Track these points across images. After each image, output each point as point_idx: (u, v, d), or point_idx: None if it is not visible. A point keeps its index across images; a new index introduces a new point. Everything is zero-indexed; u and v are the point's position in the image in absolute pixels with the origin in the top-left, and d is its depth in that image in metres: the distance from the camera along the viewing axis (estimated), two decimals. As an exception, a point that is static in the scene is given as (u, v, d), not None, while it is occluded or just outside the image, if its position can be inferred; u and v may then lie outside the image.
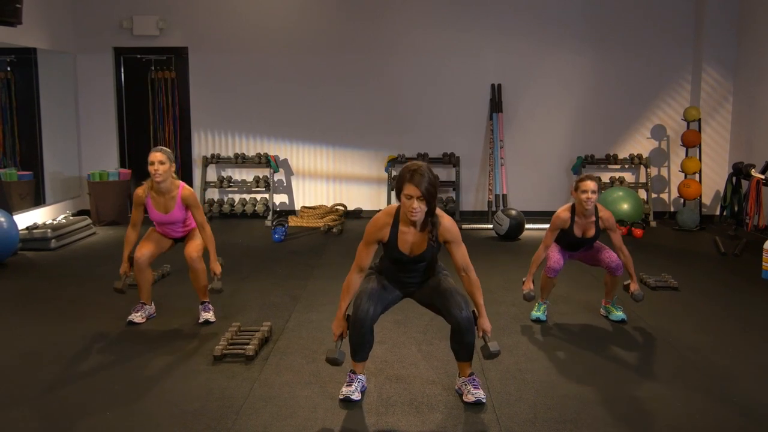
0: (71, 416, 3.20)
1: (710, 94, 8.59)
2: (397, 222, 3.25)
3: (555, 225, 4.47)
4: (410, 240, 3.25)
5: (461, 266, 3.31)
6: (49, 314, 4.75)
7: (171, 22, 8.78)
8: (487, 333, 3.33)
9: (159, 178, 4.34)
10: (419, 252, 3.26)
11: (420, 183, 3.06)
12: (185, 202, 4.45)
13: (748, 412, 3.27)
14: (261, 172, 9.01)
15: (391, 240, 3.25)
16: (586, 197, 4.31)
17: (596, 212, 4.42)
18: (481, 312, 3.34)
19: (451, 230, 3.25)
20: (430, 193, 3.10)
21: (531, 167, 8.92)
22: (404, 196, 3.13)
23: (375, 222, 3.28)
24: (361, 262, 3.30)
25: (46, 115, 8.16)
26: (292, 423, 3.10)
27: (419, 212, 3.13)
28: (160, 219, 4.49)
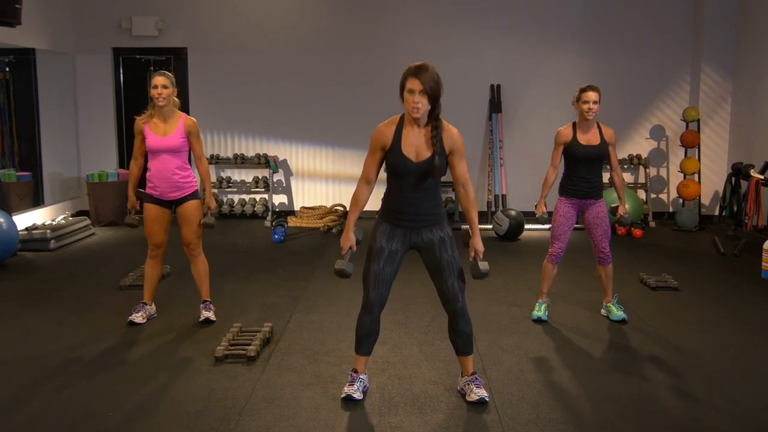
0: (74, 417, 3.19)
1: (709, 94, 8.60)
2: (401, 126, 3.21)
3: (558, 140, 4.54)
4: (414, 143, 3.18)
5: (461, 181, 3.27)
6: (50, 315, 4.74)
7: (170, 22, 8.77)
8: (479, 253, 3.29)
9: (162, 102, 4.30)
10: (424, 157, 3.18)
11: (423, 78, 3.05)
12: (188, 130, 4.39)
13: (749, 411, 3.27)
14: (260, 173, 9.01)
15: (394, 144, 3.18)
16: (587, 108, 4.38)
17: (599, 128, 4.50)
18: (474, 231, 3.30)
19: (456, 139, 3.21)
20: (432, 89, 3.07)
21: (530, 168, 8.91)
22: (406, 91, 3.10)
23: (378, 129, 3.24)
24: (368, 173, 3.27)
25: (45, 116, 8.14)
26: (295, 423, 3.10)
27: (421, 107, 3.09)
28: (157, 144, 4.32)
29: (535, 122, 8.89)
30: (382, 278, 3.25)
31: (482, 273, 3.24)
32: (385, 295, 3.29)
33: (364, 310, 3.31)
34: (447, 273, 3.25)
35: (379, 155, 3.24)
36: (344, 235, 3.33)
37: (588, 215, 4.56)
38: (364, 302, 3.30)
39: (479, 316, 4.61)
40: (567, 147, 4.51)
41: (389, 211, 3.28)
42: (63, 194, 8.56)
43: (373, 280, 3.26)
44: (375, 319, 3.31)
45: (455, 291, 3.27)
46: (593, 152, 4.48)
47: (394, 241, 3.26)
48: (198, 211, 4.47)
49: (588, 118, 4.41)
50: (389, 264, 3.25)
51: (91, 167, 8.73)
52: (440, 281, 3.28)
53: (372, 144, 3.24)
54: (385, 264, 3.24)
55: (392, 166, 3.22)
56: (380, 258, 3.24)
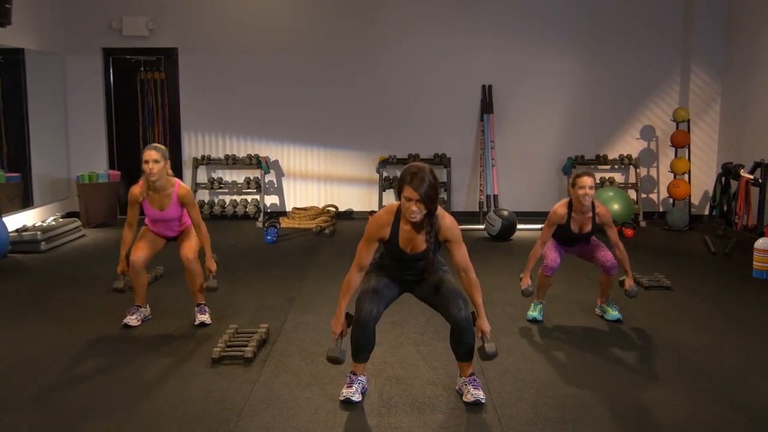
0: (70, 421, 3.16)
1: (699, 95, 8.67)
2: (398, 220, 3.25)
3: (552, 221, 4.49)
4: (410, 238, 3.26)
5: (461, 266, 3.31)
6: (43, 317, 4.70)
7: (160, 22, 8.73)
8: (486, 334, 3.34)
9: (154, 177, 4.30)
10: (419, 250, 3.27)
11: (419, 187, 3.07)
12: (181, 201, 4.42)
13: (746, 410, 3.29)
14: (252, 174, 8.98)
15: (392, 238, 3.26)
16: (583, 193, 4.33)
17: (593, 208, 4.45)
18: (480, 313, 3.35)
19: (451, 230, 3.26)
20: (429, 197, 3.10)
21: (522, 168, 8.95)
22: (404, 198, 3.14)
23: (376, 220, 3.28)
24: (362, 260, 3.30)
25: (34, 116, 8.07)
26: (294, 425, 3.09)
27: (418, 215, 3.14)
28: (156, 216, 4.45)
29: (526, 123, 8.92)
30: (381, 295, 3.29)
31: (488, 355, 3.32)
32: (379, 311, 3.29)
33: (356, 326, 3.28)
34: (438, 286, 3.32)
35: (375, 245, 3.31)
36: (335, 319, 3.35)
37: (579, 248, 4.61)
38: (355, 319, 3.28)
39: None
40: (558, 227, 4.49)
41: (385, 270, 3.42)
42: (53, 195, 8.50)
43: (371, 294, 3.27)
44: (369, 333, 3.29)
45: (458, 300, 3.27)
46: (582, 238, 4.53)
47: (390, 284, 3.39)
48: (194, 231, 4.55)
49: (584, 204, 4.38)
50: (388, 289, 3.34)
51: (81, 168, 8.68)
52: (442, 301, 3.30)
53: (369, 234, 3.28)
54: (384, 287, 3.32)
55: (388, 252, 3.33)
56: (380, 280, 3.34)
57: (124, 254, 4.48)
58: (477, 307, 3.35)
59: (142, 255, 4.45)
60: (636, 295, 4.57)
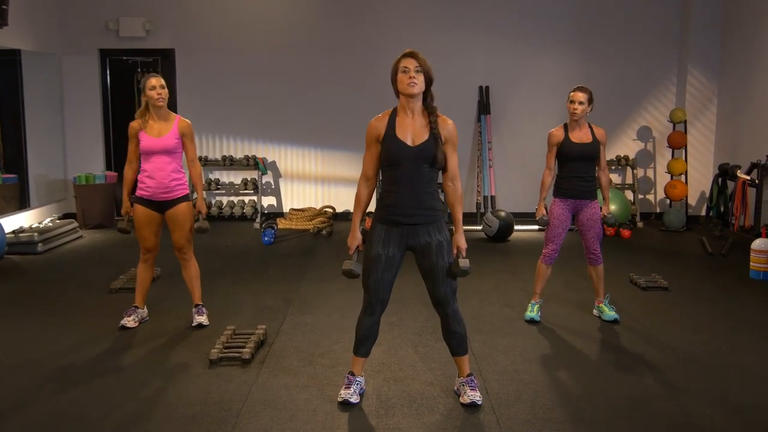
0: (67, 422, 3.16)
1: (695, 96, 8.68)
2: (394, 116, 3.21)
3: (551, 141, 4.59)
4: (409, 127, 3.16)
5: (450, 175, 3.25)
6: (40, 319, 4.69)
7: (158, 23, 8.71)
8: (462, 251, 3.26)
9: (161, 102, 4.30)
10: (420, 141, 3.14)
11: (417, 57, 3.10)
12: (181, 131, 4.38)
13: (743, 409, 3.30)
14: (249, 175, 8.97)
15: (388, 131, 3.16)
16: (573, 108, 4.46)
17: (591, 128, 4.57)
18: (458, 228, 3.27)
19: (451, 129, 3.20)
20: (426, 69, 3.10)
21: (519, 169, 8.95)
22: (401, 71, 3.12)
23: (370, 123, 3.23)
24: (367, 169, 3.26)
25: (31, 118, 8.06)
26: (293, 426, 3.09)
27: (417, 83, 3.10)
28: (151, 145, 4.29)
29: (523, 124, 8.93)
30: (383, 285, 3.25)
31: (462, 270, 3.21)
32: (386, 299, 3.29)
33: (365, 311, 3.30)
34: (440, 278, 3.23)
35: (376, 148, 3.22)
36: (351, 234, 3.32)
37: (582, 217, 4.58)
38: (365, 304, 3.29)
39: (472, 318, 4.62)
40: (560, 147, 4.55)
41: (385, 208, 3.22)
42: (49, 196, 8.48)
43: (373, 287, 3.25)
44: (376, 321, 3.31)
45: (447, 295, 3.26)
46: (586, 150, 4.53)
47: (391, 245, 3.20)
48: (189, 214, 4.41)
49: (573, 118, 4.46)
50: (388, 271, 3.23)
51: (77, 169, 8.66)
52: (433, 285, 3.27)
53: (367, 139, 3.23)
54: (384, 272, 3.23)
55: (388, 154, 3.17)
56: (378, 266, 3.21)
57: (126, 194, 4.46)
58: (456, 222, 3.29)
59: (150, 241, 4.37)
60: (614, 223, 4.71)
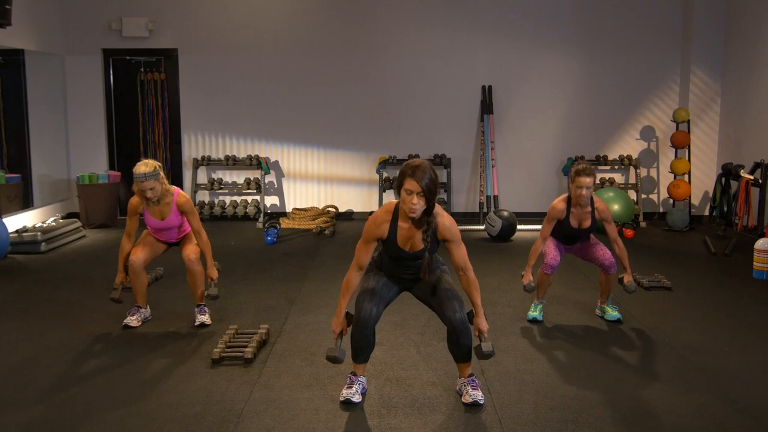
0: (69, 421, 3.16)
1: (699, 95, 8.66)
2: (396, 218, 3.24)
3: (551, 216, 4.50)
4: (409, 236, 3.25)
5: (460, 266, 3.31)
6: (44, 318, 4.70)
7: (160, 23, 8.73)
8: (483, 333, 3.32)
9: (156, 200, 4.36)
10: (417, 249, 3.26)
11: (421, 179, 3.07)
12: (180, 209, 4.44)
13: (746, 410, 3.29)
14: (252, 174, 8.98)
15: (390, 236, 3.25)
16: (581, 193, 4.35)
17: (592, 204, 4.46)
18: (478, 312, 3.34)
19: (450, 229, 3.25)
20: (430, 190, 3.10)
21: (522, 168, 8.95)
22: (404, 191, 3.12)
23: (374, 219, 3.28)
24: (361, 260, 3.30)
25: (35, 117, 8.08)
26: (295, 426, 3.09)
27: (418, 208, 3.12)
28: (157, 226, 4.47)
29: (526, 123, 8.93)
30: (380, 296, 3.28)
31: (485, 354, 3.29)
32: (379, 312, 3.30)
33: (356, 326, 3.29)
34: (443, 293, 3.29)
35: (373, 245, 3.31)
36: (336, 320, 3.36)
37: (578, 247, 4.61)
38: (355, 320, 3.28)
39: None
40: (558, 223, 4.50)
41: (384, 269, 3.42)
42: (53, 196, 8.50)
43: (370, 295, 3.27)
44: (369, 333, 3.30)
45: (453, 302, 3.27)
46: (582, 234, 4.54)
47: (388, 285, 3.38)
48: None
49: (579, 202, 4.41)
50: (387, 288, 3.33)
51: (81, 169, 8.68)
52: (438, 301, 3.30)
53: (367, 234, 3.28)
54: (383, 286, 3.30)
55: (387, 251, 3.32)
56: (379, 280, 3.33)
57: (122, 265, 4.47)
58: (475, 306, 3.34)
59: (141, 256, 4.45)
60: (634, 291, 4.57)
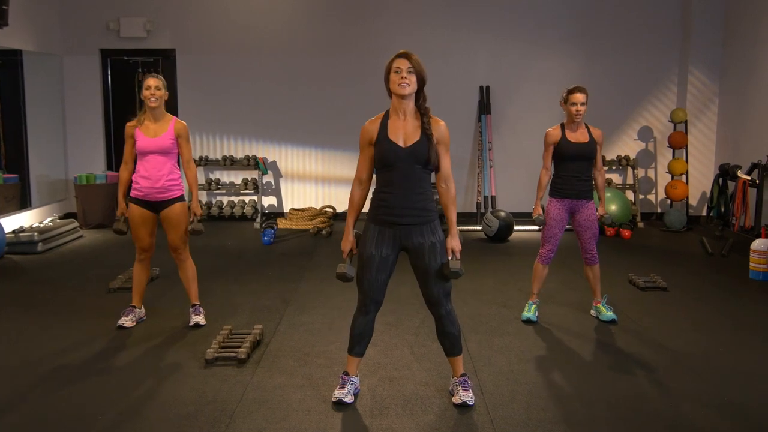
0: (63, 421, 3.17)
1: (696, 96, 8.66)
2: (386, 119, 3.22)
3: (548, 141, 4.56)
4: (401, 129, 3.17)
5: (443, 176, 3.25)
6: (38, 318, 4.70)
7: (158, 24, 8.73)
8: (455, 252, 3.25)
9: (154, 103, 4.32)
10: (413, 141, 3.15)
11: (410, 57, 3.10)
12: (177, 132, 4.39)
13: (740, 410, 3.29)
14: (249, 175, 8.98)
15: (380, 133, 3.17)
16: (575, 109, 4.40)
17: (587, 129, 4.54)
18: (451, 230, 3.27)
19: (443, 130, 3.21)
20: (419, 69, 3.10)
21: (519, 169, 8.94)
22: (393, 70, 3.12)
23: (363, 126, 3.25)
24: (360, 172, 3.27)
25: (32, 118, 8.08)
26: (286, 426, 3.09)
27: (409, 84, 3.10)
28: (147, 145, 4.31)
29: (524, 124, 8.92)
30: (376, 286, 3.25)
31: (454, 272, 3.20)
32: (380, 299, 3.29)
33: (359, 310, 3.30)
34: (433, 279, 3.22)
35: (369, 151, 3.23)
36: (344, 238, 3.31)
37: (579, 217, 4.57)
38: (359, 303, 3.29)
39: (469, 318, 4.62)
40: (557, 146, 4.53)
41: (378, 208, 3.21)
42: (50, 196, 8.50)
43: (367, 288, 3.25)
44: (370, 320, 3.31)
45: (440, 296, 3.26)
46: (583, 149, 4.51)
47: (384, 246, 3.19)
48: (184, 215, 4.43)
49: (576, 120, 4.44)
50: (382, 272, 3.23)
51: (78, 169, 8.68)
52: (425, 286, 3.26)
53: (360, 142, 3.25)
54: (377, 273, 3.23)
55: (381, 155, 3.17)
56: (372, 267, 3.21)
57: (122, 195, 4.45)
58: (450, 223, 3.29)
59: (146, 241, 4.39)
60: (610, 223, 4.66)
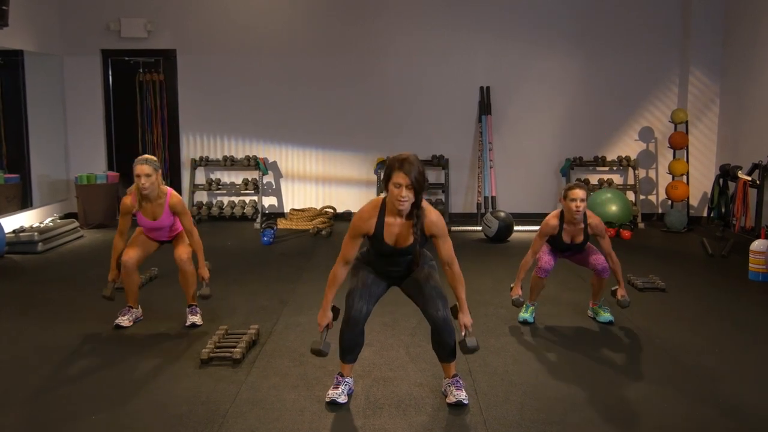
0: (58, 420, 3.18)
1: (697, 96, 8.64)
2: (383, 214, 3.23)
3: (543, 232, 4.48)
4: (396, 232, 3.23)
5: (446, 261, 3.30)
6: (36, 318, 4.71)
7: (159, 24, 8.74)
8: (468, 328, 3.33)
9: (146, 191, 4.35)
10: (405, 245, 3.24)
11: (409, 171, 3.06)
12: (173, 210, 4.46)
13: (735, 412, 3.28)
14: (250, 175, 8.99)
15: (377, 232, 3.23)
16: (575, 206, 4.29)
17: (585, 219, 4.42)
18: (462, 307, 3.34)
19: (437, 224, 3.24)
20: (418, 182, 3.09)
21: (520, 169, 8.94)
22: (392, 184, 3.11)
23: (361, 215, 3.27)
24: (347, 254, 3.30)
25: (33, 118, 8.10)
26: (279, 426, 3.09)
27: (407, 201, 3.11)
28: (149, 225, 4.49)
29: (524, 124, 8.91)
30: (369, 293, 3.28)
31: (469, 348, 3.31)
32: (369, 309, 3.30)
33: (346, 325, 3.28)
34: (428, 288, 3.27)
35: (360, 240, 3.31)
36: (321, 312, 3.35)
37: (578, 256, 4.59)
38: (345, 318, 3.28)
39: (466, 318, 4.61)
40: (550, 239, 4.49)
41: (372, 265, 3.39)
42: (51, 196, 8.52)
43: (360, 292, 3.27)
44: (359, 332, 3.30)
45: (436, 299, 3.26)
46: (574, 249, 4.53)
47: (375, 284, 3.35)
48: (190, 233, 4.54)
49: (575, 217, 4.36)
50: (376, 285, 3.32)
51: (79, 169, 8.70)
52: (421, 295, 3.30)
53: (354, 229, 3.27)
54: (372, 283, 3.30)
55: (374, 247, 3.31)
56: (368, 276, 3.32)
57: (114, 263, 4.49)
58: (460, 301, 3.34)
59: (134, 255, 4.47)
60: (628, 306, 4.56)
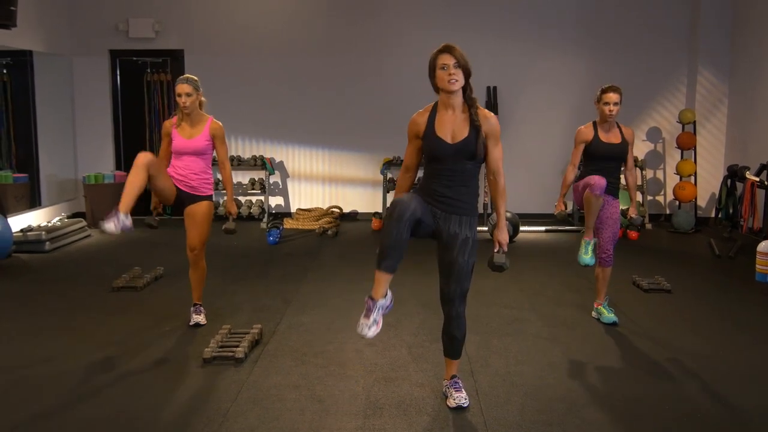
0: (59, 417, 3.20)
1: (705, 96, 8.59)
2: (434, 112, 3.18)
3: (579, 139, 4.49)
4: (449, 124, 3.13)
5: (493, 168, 3.20)
6: (42, 317, 4.74)
7: (167, 24, 8.78)
8: (502, 245, 3.25)
9: (187, 110, 4.38)
10: (461, 138, 3.11)
11: (454, 53, 3.06)
12: (212, 133, 4.45)
13: (740, 414, 3.26)
14: (257, 175, 9.01)
15: (428, 128, 3.14)
16: (608, 110, 4.37)
17: (619, 127, 4.48)
18: (499, 222, 3.25)
19: (492, 123, 3.16)
20: (465, 63, 3.07)
21: (526, 170, 8.91)
22: (439, 67, 3.08)
23: (412, 118, 3.23)
24: (408, 160, 3.27)
25: (42, 118, 8.16)
26: (279, 425, 3.10)
27: (458, 80, 3.07)
28: (182, 146, 4.35)
29: (530, 125, 8.89)
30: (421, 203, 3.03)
31: (499, 266, 3.23)
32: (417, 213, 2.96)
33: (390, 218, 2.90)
34: (455, 277, 3.18)
35: (416, 143, 3.22)
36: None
37: (602, 213, 4.48)
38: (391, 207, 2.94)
39: (469, 318, 4.45)
40: (588, 146, 4.48)
41: (424, 193, 3.17)
42: (60, 196, 8.58)
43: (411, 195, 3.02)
44: (403, 227, 2.89)
45: (455, 295, 3.23)
46: (615, 150, 4.47)
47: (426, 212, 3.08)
48: (208, 216, 4.40)
49: (608, 119, 4.40)
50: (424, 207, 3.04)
51: (87, 169, 8.75)
52: (446, 281, 3.23)
53: (408, 133, 3.24)
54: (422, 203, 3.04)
55: (428, 150, 3.16)
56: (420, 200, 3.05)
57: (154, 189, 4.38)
58: (498, 216, 3.25)
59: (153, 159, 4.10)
60: (640, 224, 4.57)
